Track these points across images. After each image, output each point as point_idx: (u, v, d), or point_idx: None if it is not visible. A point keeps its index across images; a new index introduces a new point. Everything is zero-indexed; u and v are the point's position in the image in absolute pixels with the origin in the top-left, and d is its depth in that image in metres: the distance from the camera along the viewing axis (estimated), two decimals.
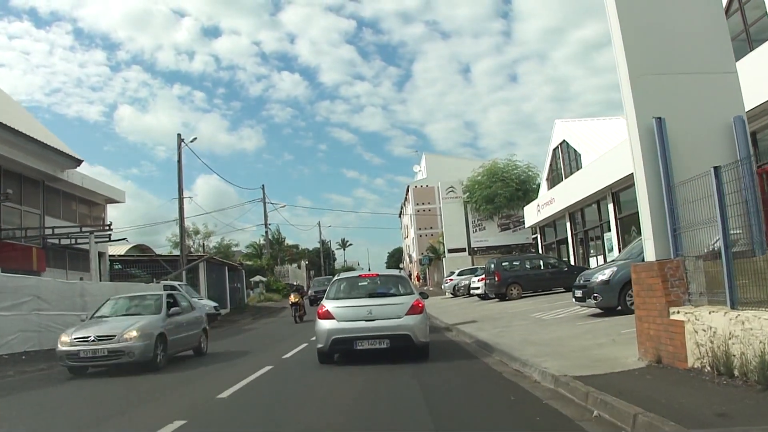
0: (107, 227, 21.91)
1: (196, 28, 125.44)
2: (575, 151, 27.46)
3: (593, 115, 32.14)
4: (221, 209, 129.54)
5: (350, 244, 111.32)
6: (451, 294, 31.27)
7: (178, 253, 35.22)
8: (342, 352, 9.11)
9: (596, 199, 24.30)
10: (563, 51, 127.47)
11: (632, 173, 7.17)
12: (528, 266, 22.17)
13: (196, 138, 31.27)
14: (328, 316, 8.86)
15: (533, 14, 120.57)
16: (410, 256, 72.15)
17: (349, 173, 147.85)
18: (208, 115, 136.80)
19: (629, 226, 22.44)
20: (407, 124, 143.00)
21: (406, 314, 8.72)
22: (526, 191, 36.47)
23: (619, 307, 11.55)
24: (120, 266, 32.86)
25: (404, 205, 74.00)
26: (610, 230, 23.15)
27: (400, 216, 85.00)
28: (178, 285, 25.63)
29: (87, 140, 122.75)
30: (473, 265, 34.79)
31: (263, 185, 51.26)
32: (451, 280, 31.39)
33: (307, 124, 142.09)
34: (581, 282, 12.30)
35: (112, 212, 28.38)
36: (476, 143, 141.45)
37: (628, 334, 8.75)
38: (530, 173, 36.87)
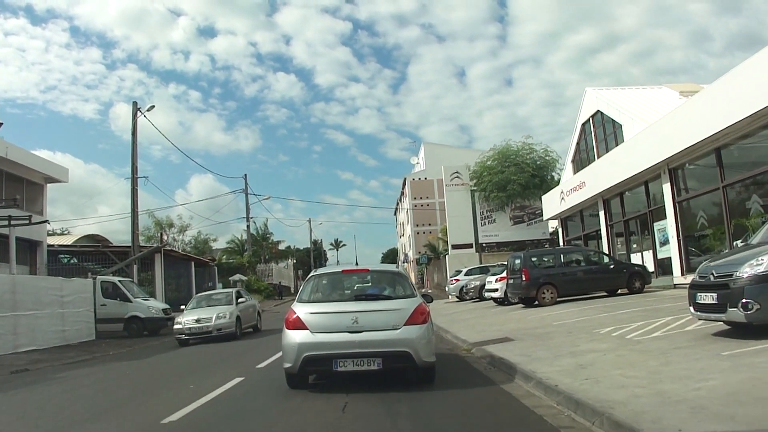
0: (12, 202, 16.64)
1: (192, 28, 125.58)
2: (614, 122, 22.41)
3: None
4: (199, 200, 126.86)
5: (344, 245, 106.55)
6: (457, 297, 26.09)
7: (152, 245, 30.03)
8: (317, 374, 7.00)
9: (644, 180, 19.23)
10: (559, 55, 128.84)
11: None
12: (563, 262, 17.05)
13: (153, 106, 26.27)
14: (298, 325, 6.52)
15: (529, 18, 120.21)
16: (406, 255, 66.90)
17: (343, 175, 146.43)
18: (204, 115, 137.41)
19: (694, 212, 17.42)
20: (402, 127, 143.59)
21: (405, 324, 6.43)
22: (543, 179, 31.36)
23: None
24: (69, 258, 27.73)
25: (400, 200, 68.88)
26: (664, 217, 18.07)
27: (395, 214, 79.96)
28: (119, 281, 20.56)
29: (82, 138, 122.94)
30: (481, 263, 29.65)
31: (245, 174, 46.11)
32: (457, 280, 26.21)
33: (302, 126, 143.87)
34: (711, 279, 7.17)
35: (103, 209, 23.19)
36: (470, 147, 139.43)
37: None
38: (548, 158, 31.74)
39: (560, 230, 28.32)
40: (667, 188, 17.79)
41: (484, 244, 32.52)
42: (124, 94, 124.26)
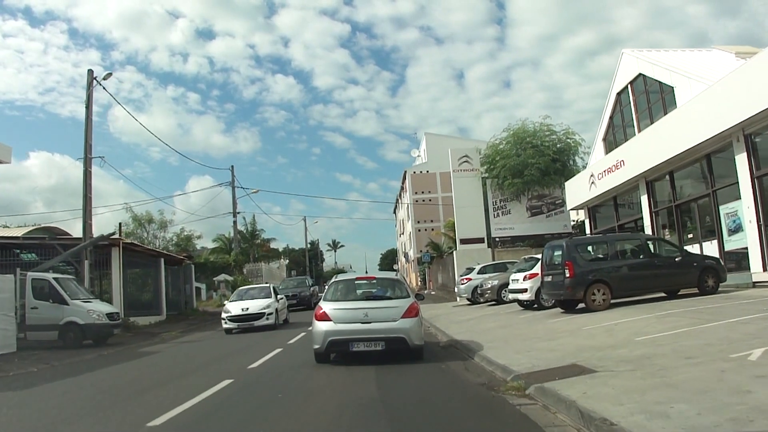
0: None
1: (191, 30, 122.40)
2: (662, 85, 18.49)
3: (588, 123, 23.38)
4: (181, 194, 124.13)
5: (342, 246, 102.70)
6: (468, 300, 22.13)
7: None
8: (338, 353, 9.10)
9: (705, 152, 15.29)
10: (557, 58, 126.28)
11: None
12: (617, 251, 13.11)
13: (111, 74, 22.39)
14: (325, 317, 8.91)
15: (527, 21, 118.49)
16: (406, 255, 62.88)
17: (342, 177, 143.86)
18: (203, 117, 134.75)
19: None
20: (401, 129, 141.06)
21: (401, 317, 8.76)
22: (564, 164, 27.35)
23: None
24: (20, 251, 23.76)
25: (400, 195, 64.86)
26: (737, 198, 14.15)
27: (394, 211, 76.03)
28: (53, 278, 16.62)
29: (81, 140, 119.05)
30: (494, 259, 25.67)
31: (232, 166, 42.22)
32: (469, 279, 22.23)
33: (300, 128, 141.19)
34: None
35: (101, 210, 19.54)
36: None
37: None
38: (570, 141, 27.70)
39: (587, 221, 24.36)
40: (741, 160, 13.86)
41: (497, 239, 28.48)
42: (123, 96, 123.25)
